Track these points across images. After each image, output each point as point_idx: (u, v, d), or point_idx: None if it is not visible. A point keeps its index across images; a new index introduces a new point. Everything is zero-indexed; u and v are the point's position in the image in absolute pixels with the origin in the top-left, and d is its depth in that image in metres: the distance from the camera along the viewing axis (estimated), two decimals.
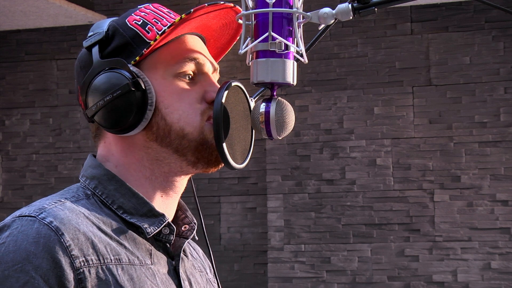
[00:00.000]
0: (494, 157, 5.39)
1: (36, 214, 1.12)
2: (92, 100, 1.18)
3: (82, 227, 1.12)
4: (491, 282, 5.32)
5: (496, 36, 5.48)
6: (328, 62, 5.72)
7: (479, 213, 5.38)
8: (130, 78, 1.17)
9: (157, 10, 1.24)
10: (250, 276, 5.78)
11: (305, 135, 5.67)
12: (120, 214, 1.19)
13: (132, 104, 1.17)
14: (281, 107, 1.19)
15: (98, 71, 1.19)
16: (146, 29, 1.21)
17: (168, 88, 1.20)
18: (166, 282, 1.18)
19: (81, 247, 1.11)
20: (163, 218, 1.20)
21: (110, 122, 1.18)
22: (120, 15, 1.26)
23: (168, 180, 1.23)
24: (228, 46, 1.32)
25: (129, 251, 1.16)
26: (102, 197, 1.20)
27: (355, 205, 5.56)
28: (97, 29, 1.23)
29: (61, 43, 6.16)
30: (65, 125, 6.12)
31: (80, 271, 1.09)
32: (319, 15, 1.21)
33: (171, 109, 1.19)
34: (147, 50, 1.18)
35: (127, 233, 1.17)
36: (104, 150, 1.24)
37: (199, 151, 1.20)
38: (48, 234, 1.09)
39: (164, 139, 1.19)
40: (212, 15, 1.24)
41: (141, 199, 1.20)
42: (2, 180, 6.19)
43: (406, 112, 5.56)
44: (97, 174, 1.22)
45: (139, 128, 1.18)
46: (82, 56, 1.24)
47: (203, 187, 5.84)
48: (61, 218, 1.12)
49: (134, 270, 1.14)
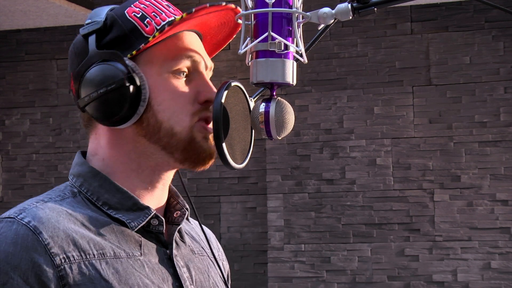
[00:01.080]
0: (494, 156, 5.39)
1: (16, 215, 1.13)
2: (85, 90, 1.18)
3: (63, 225, 1.13)
4: (491, 281, 5.32)
5: (496, 36, 5.48)
6: (328, 62, 5.71)
7: (479, 212, 5.38)
8: (125, 72, 1.16)
9: (157, 2, 1.24)
10: (250, 275, 5.78)
11: (305, 135, 5.67)
12: (105, 210, 1.19)
13: (125, 98, 1.16)
14: (280, 107, 1.19)
15: (93, 62, 1.18)
16: (144, 22, 1.21)
17: (162, 86, 1.20)
18: (158, 271, 1.18)
19: (61, 244, 1.11)
20: (148, 211, 1.20)
21: (102, 114, 1.18)
22: (120, 4, 1.25)
23: (155, 173, 1.23)
24: (224, 43, 1.32)
25: (115, 245, 1.16)
26: (87, 194, 1.20)
27: (355, 205, 5.56)
28: (95, 17, 1.22)
29: (61, 42, 6.15)
30: (65, 124, 6.12)
31: (61, 268, 1.10)
32: (319, 15, 1.21)
33: (163, 107, 1.19)
34: (144, 45, 1.18)
35: (113, 227, 1.17)
36: (94, 143, 1.24)
37: (187, 151, 1.20)
38: (26, 234, 1.10)
39: (153, 136, 1.20)
40: (212, 14, 1.24)
41: (125, 194, 1.20)
42: (2, 179, 6.19)
43: (406, 111, 5.55)
44: (82, 171, 1.22)
45: (130, 122, 1.18)
46: (78, 43, 1.24)
47: (203, 186, 5.84)
48: (40, 217, 1.12)
49: (120, 263, 1.14)
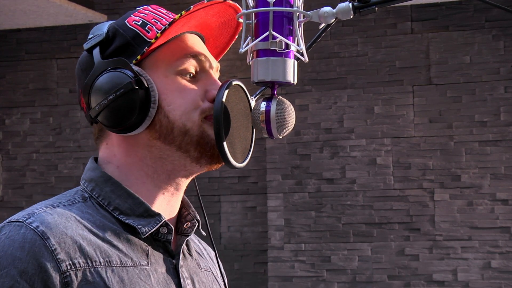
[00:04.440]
0: (494, 156, 5.39)
1: (24, 219, 1.13)
2: (95, 100, 1.18)
3: (70, 231, 1.13)
4: (491, 281, 5.32)
5: (496, 35, 5.48)
6: (328, 61, 5.71)
7: (479, 212, 5.38)
8: (132, 76, 1.17)
9: (156, 11, 1.25)
10: (250, 275, 5.78)
11: (305, 134, 5.67)
12: (116, 216, 1.19)
13: (136, 102, 1.17)
14: (281, 106, 1.19)
15: (100, 72, 1.19)
16: (146, 28, 1.22)
17: (170, 86, 1.20)
18: (163, 282, 1.18)
19: (68, 250, 1.11)
20: (159, 218, 1.20)
21: (114, 122, 1.18)
22: (120, 17, 1.27)
23: (170, 178, 1.23)
24: (227, 46, 1.33)
25: (122, 253, 1.16)
26: (98, 199, 1.20)
27: (355, 204, 5.56)
28: (97, 31, 1.24)
29: (61, 42, 6.15)
30: (65, 124, 6.12)
31: (67, 274, 1.10)
32: (320, 14, 1.21)
33: (174, 106, 1.19)
34: (148, 48, 1.18)
35: (121, 235, 1.17)
36: (106, 152, 1.24)
37: (201, 146, 1.20)
38: (33, 239, 1.10)
39: (167, 136, 1.20)
40: (212, 13, 1.24)
41: (136, 200, 1.20)
42: (2, 179, 6.19)
43: (406, 111, 5.55)
44: (94, 176, 1.22)
45: (142, 126, 1.18)
46: (83, 59, 1.25)
47: (203, 186, 5.84)
48: (48, 222, 1.13)
49: (126, 272, 1.14)
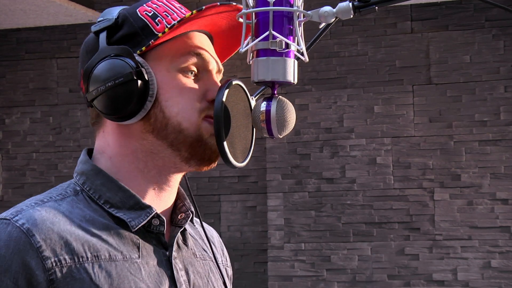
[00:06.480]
0: (494, 155, 5.39)
1: (12, 217, 1.13)
2: (93, 84, 1.18)
3: (57, 227, 1.13)
4: (491, 280, 5.32)
5: (496, 35, 5.48)
6: (328, 61, 5.71)
7: (479, 211, 5.38)
8: (134, 67, 1.17)
9: (169, 3, 1.24)
10: (250, 274, 5.79)
11: (305, 133, 5.67)
12: (107, 209, 1.19)
13: (133, 93, 1.17)
14: (282, 105, 1.19)
15: (103, 57, 1.19)
16: (156, 21, 1.21)
17: (171, 82, 1.20)
18: (155, 274, 1.18)
19: (54, 247, 1.11)
20: (150, 210, 1.20)
21: (109, 109, 1.18)
22: (132, 4, 1.26)
23: (161, 174, 1.23)
24: (235, 48, 1.32)
25: (112, 247, 1.15)
26: (89, 192, 1.20)
27: (355, 204, 5.56)
28: (107, 15, 1.23)
29: (61, 41, 6.15)
30: (65, 123, 6.12)
31: (52, 271, 1.10)
32: (320, 14, 1.21)
33: (171, 103, 1.19)
34: (154, 41, 1.18)
35: (112, 228, 1.17)
36: (101, 140, 1.24)
37: (193, 148, 1.20)
38: (18, 237, 1.10)
39: (161, 132, 1.19)
40: (223, 15, 1.24)
41: (127, 192, 1.20)
42: (2, 178, 6.19)
43: (406, 110, 5.56)
44: (85, 169, 1.22)
45: (137, 117, 1.18)
46: (89, 41, 1.24)
47: (203, 185, 5.84)
48: (35, 219, 1.12)
49: (114, 266, 1.14)
